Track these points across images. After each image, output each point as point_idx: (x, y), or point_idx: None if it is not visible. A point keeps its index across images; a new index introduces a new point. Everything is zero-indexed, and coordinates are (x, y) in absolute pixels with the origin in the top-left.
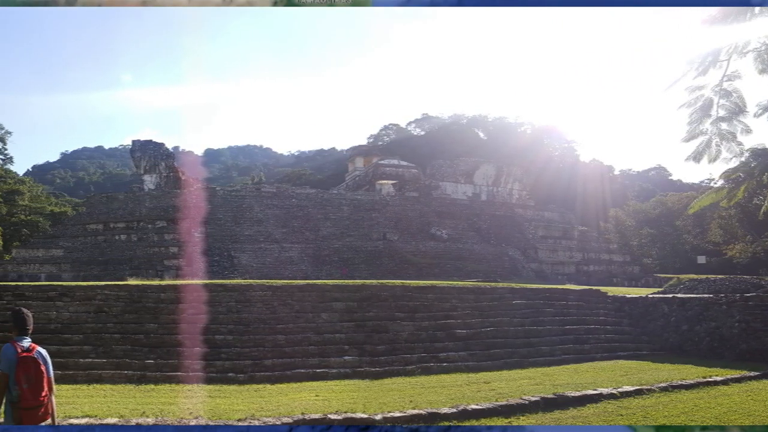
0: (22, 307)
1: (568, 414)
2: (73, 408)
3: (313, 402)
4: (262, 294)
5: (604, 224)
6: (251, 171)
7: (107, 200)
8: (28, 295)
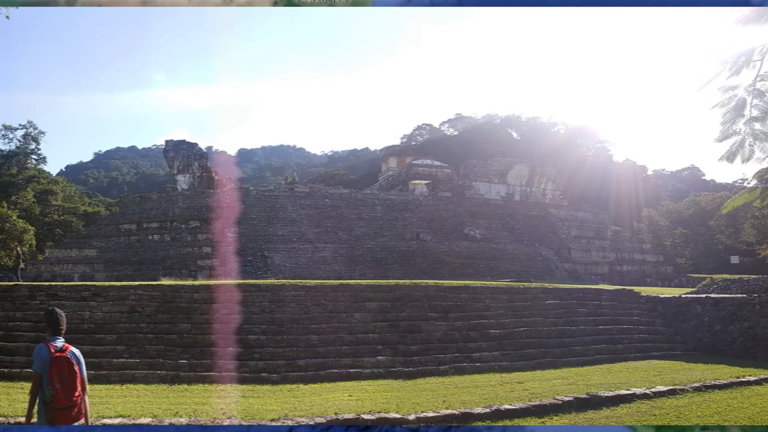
0: (55, 307)
1: (601, 414)
2: (106, 408)
3: (347, 402)
4: (295, 294)
5: (637, 224)
6: (284, 171)
7: (140, 200)
8: (61, 295)
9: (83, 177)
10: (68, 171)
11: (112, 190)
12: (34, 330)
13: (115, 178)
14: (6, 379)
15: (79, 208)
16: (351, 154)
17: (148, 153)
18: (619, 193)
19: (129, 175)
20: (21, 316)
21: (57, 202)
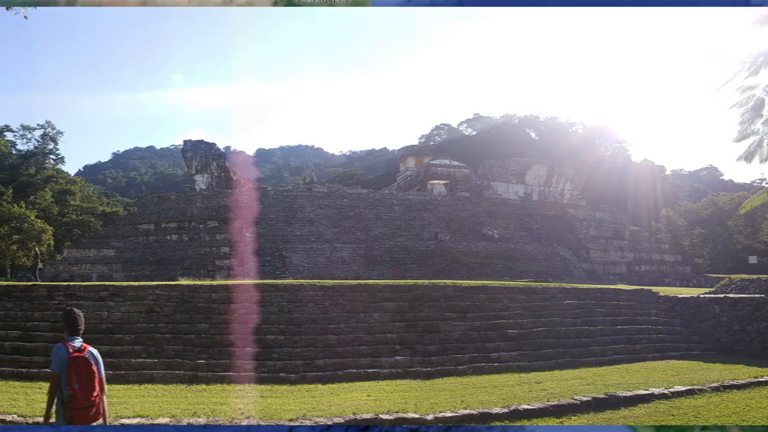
0: (73, 307)
1: (619, 414)
2: (125, 408)
3: (365, 402)
4: (313, 294)
5: (655, 224)
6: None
7: (159, 200)
8: (79, 295)
9: (101, 177)
10: (86, 171)
11: (131, 190)
12: (52, 330)
13: (133, 178)
14: (24, 379)
15: (98, 208)
16: (369, 154)
17: (167, 153)
18: (638, 193)
19: (147, 175)
20: (39, 316)
21: (75, 202)
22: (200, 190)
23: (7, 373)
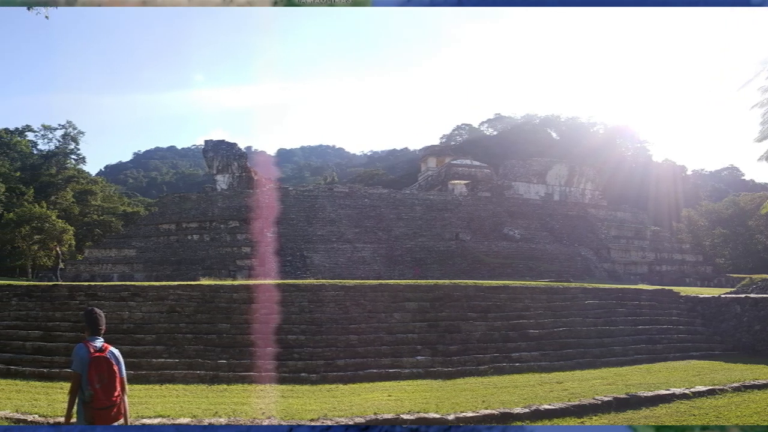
0: (94, 307)
1: (640, 414)
2: (146, 408)
3: (386, 402)
4: (334, 294)
5: (676, 224)
6: (324, 171)
7: (180, 200)
8: (100, 295)
9: (122, 177)
10: (107, 171)
11: (152, 190)
12: (73, 330)
13: (154, 178)
14: (45, 379)
15: (119, 208)
16: (390, 154)
17: (188, 153)
18: (659, 193)
19: (168, 175)
20: (60, 316)
21: (96, 202)
22: (221, 190)
23: (29, 373)
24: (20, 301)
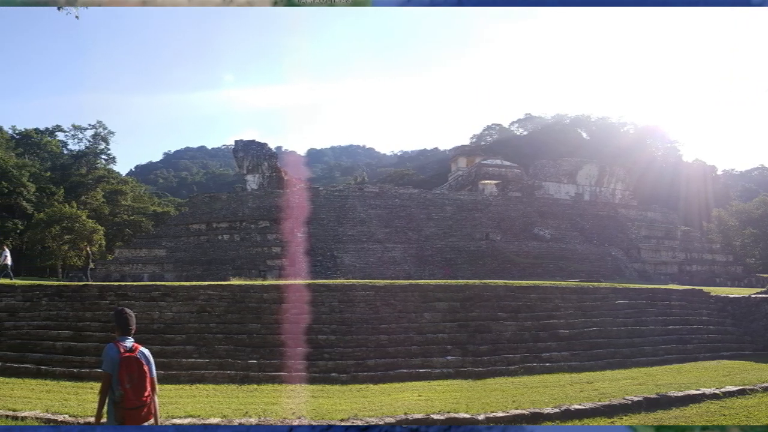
0: (124, 307)
1: (670, 414)
2: (176, 408)
3: (416, 402)
4: (364, 294)
5: (706, 224)
6: (354, 171)
7: (210, 200)
8: (131, 295)
9: (153, 177)
10: (138, 171)
11: (182, 190)
12: (103, 330)
13: (184, 178)
14: (76, 379)
15: (149, 208)
16: (420, 154)
17: (218, 153)
18: (689, 193)
19: (198, 175)
20: (90, 316)
21: (126, 202)
22: (251, 190)
23: (59, 373)
24: (51, 301)
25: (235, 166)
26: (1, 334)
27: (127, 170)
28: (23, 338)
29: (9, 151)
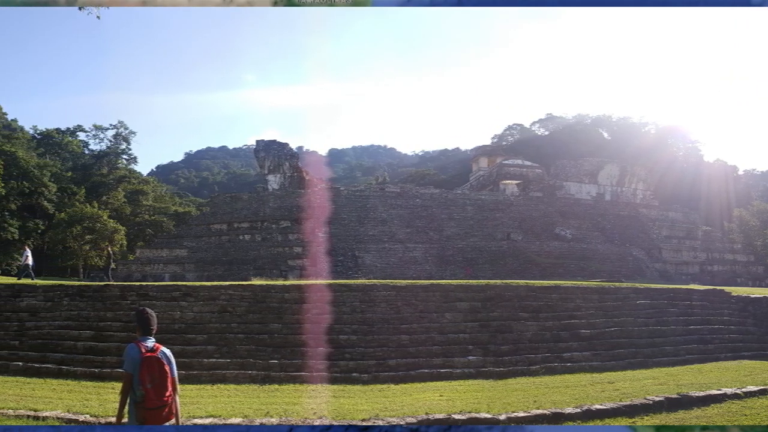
0: (146, 307)
1: (691, 414)
2: (197, 408)
3: (437, 402)
4: (386, 294)
5: (728, 224)
6: (375, 171)
7: (231, 200)
8: (152, 295)
9: (174, 177)
10: (159, 171)
11: (203, 190)
12: (125, 330)
13: (205, 178)
14: (97, 379)
15: (170, 208)
16: (442, 154)
17: (239, 153)
18: (710, 193)
19: (220, 175)
20: (112, 316)
21: (148, 202)
22: (273, 190)
23: (80, 373)
24: (72, 301)
25: (257, 166)
26: (23, 334)
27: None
28: (45, 338)
29: (30, 151)
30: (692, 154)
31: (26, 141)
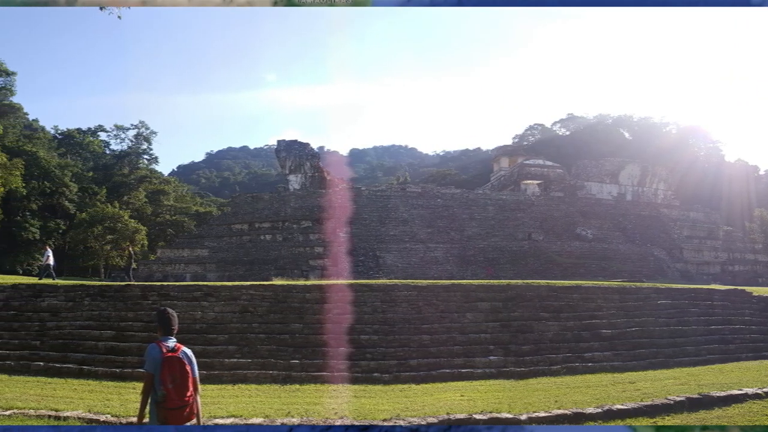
0: (167, 307)
1: (713, 414)
2: (219, 408)
3: (459, 402)
4: (407, 294)
5: (749, 224)
6: (396, 171)
7: (252, 200)
8: (173, 295)
9: (195, 177)
10: (180, 171)
11: (224, 190)
12: (146, 330)
13: (226, 178)
14: (118, 379)
15: (191, 208)
16: (463, 154)
17: (260, 153)
18: (731, 193)
19: (241, 175)
20: (133, 316)
21: (169, 202)
22: (294, 190)
23: (101, 373)
24: (93, 301)
25: (278, 166)
26: (44, 335)
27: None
28: (66, 338)
29: (51, 152)
30: (713, 154)
31: (47, 141)
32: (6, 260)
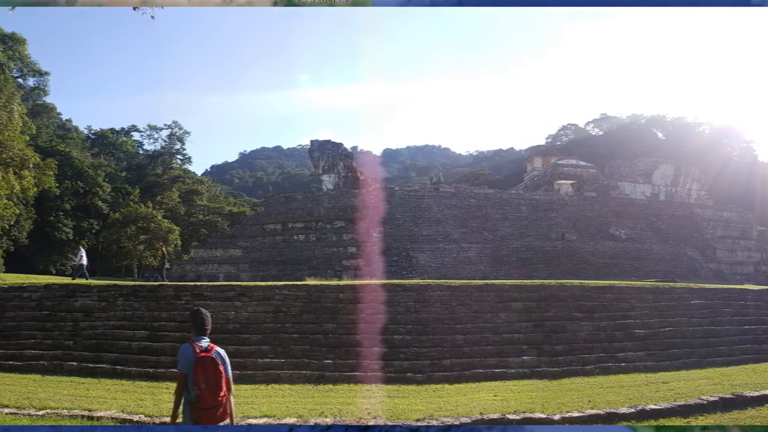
0: (200, 307)
1: (746, 414)
2: (252, 408)
3: (492, 402)
4: (440, 294)
5: None
6: (429, 171)
7: (285, 200)
8: (206, 295)
9: (228, 177)
10: (213, 171)
11: (257, 190)
12: (179, 330)
13: (260, 178)
14: (151, 379)
15: (224, 208)
16: (496, 154)
17: (293, 153)
18: (765, 193)
19: (274, 175)
20: (166, 316)
21: (202, 202)
22: (327, 190)
23: (135, 373)
24: (126, 301)
25: (311, 166)
26: (77, 334)
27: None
28: (99, 338)
29: (85, 152)
30: (747, 154)
31: (81, 141)
32: (39, 260)
